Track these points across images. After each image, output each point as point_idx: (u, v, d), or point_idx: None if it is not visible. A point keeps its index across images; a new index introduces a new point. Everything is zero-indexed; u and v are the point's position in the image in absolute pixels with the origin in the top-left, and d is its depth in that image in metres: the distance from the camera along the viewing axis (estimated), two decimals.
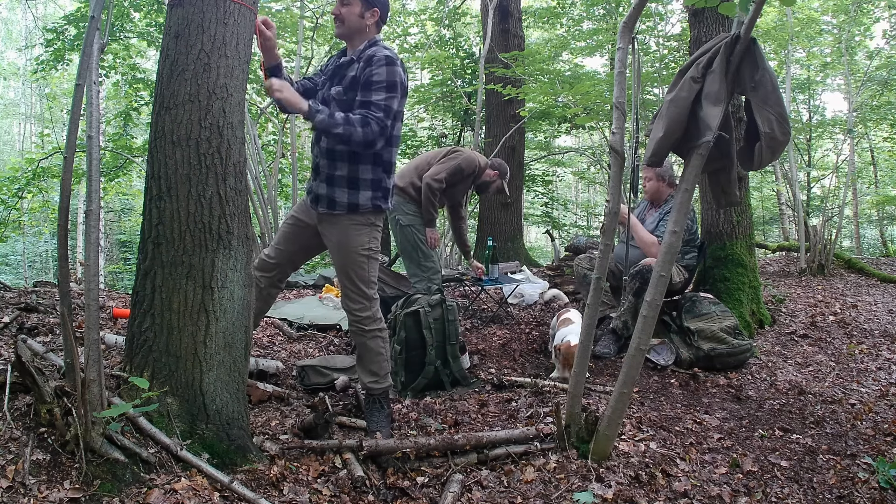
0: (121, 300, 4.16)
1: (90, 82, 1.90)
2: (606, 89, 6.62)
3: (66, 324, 1.84)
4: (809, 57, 10.79)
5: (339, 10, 2.57)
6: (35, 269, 16.23)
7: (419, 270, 4.32)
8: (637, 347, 2.35)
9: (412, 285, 4.32)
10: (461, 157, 4.43)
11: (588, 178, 16.41)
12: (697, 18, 4.69)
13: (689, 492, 2.25)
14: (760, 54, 2.13)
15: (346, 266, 2.66)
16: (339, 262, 2.68)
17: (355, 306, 2.70)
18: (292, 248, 2.84)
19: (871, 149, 13.40)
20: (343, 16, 2.56)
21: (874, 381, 3.53)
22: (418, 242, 4.31)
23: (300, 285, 6.13)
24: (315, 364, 3.25)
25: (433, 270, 4.33)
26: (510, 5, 8.77)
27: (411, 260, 4.34)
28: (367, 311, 2.71)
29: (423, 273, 4.30)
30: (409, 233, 4.30)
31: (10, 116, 21.68)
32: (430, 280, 4.28)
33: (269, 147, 9.39)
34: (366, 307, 2.70)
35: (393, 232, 4.45)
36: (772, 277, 6.74)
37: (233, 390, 2.20)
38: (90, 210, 1.90)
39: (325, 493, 2.18)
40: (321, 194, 2.64)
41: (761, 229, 14.82)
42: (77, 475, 1.76)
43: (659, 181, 4.07)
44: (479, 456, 2.49)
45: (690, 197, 2.31)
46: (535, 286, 5.69)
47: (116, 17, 6.92)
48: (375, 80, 2.48)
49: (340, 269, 2.69)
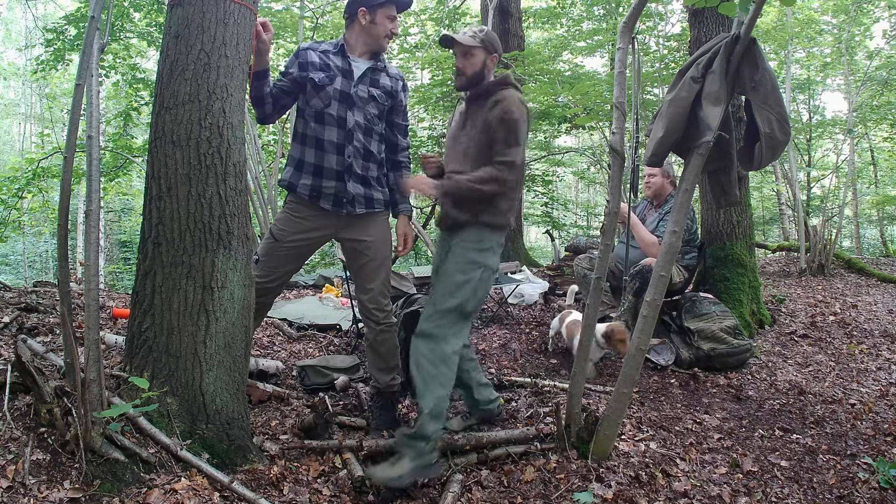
0: (121, 300, 4.16)
1: (90, 82, 1.90)
2: (606, 89, 6.62)
3: (66, 324, 1.84)
4: (809, 57, 10.79)
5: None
6: (35, 269, 16.23)
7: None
8: (637, 347, 2.36)
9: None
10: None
11: (588, 178, 16.41)
12: (697, 18, 4.69)
13: (689, 492, 2.25)
14: (760, 54, 2.13)
15: (384, 262, 2.70)
16: (378, 258, 2.68)
17: (385, 301, 2.72)
18: (295, 265, 2.72)
19: (871, 149, 13.40)
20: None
21: (874, 381, 3.53)
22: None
23: (300, 285, 6.13)
24: (315, 364, 3.25)
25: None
26: (510, 5, 8.77)
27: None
28: (391, 305, 2.77)
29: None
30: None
31: (10, 116, 21.67)
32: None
33: (269, 147, 9.39)
34: (390, 302, 2.77)
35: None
36: (772, 277, 6.74)
37: (233, 390, 2.20)
38: (90, 210, 1.90)
39: (325, 493, 2.19)
40: (357, 194, 2.59)
41: (761, 229, 14.81)
42: (77, 475, 1.76)
43: (664, 178, 4.06)
44: (479, 456, 2.49)
45: (690, 197, 2.31)
46: (535, 286, 5.68)
47: (116, 17, 6.92)
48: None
49: (378, 266, 2.68)
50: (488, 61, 2.51)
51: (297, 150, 2.61)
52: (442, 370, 2.30)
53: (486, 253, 2.45)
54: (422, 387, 2.30)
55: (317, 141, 2.56)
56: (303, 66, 2.57)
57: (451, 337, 2.35)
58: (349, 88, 2.56)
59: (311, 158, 2.57)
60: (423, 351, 2.33)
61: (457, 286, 2.38)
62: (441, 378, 2.29)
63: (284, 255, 2.62)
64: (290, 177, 2.61)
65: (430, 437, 2.24)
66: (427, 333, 2.36)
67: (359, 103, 2.56)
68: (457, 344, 2.37)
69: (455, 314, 2.37)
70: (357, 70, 2.58)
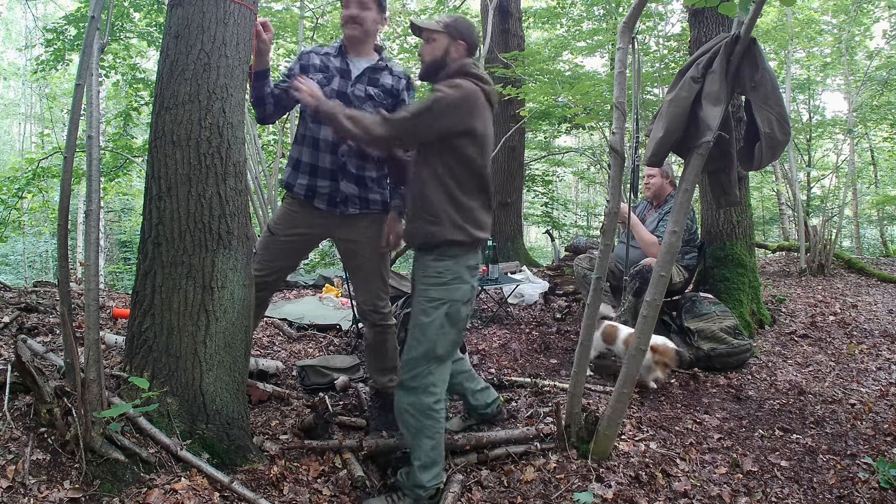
0: (121, 300, 4.16)
1: (90, 82, 1.90)
2: (606, 89, 6.62)
3: (66, 324, 1.84)
4: (809, 57, 10.79)
5: (357, 12, 2.52)
6: (35, 269, 16.22)
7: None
8: (637, 347, 2.36)
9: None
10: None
11: (588, 178, 16.41)
12: (697, 18, 4.69)
13: (689, 492, 2.25)
14: (760, 54, 2.13)
15: (381, 262, 2.69)
16: (374, 259, 2.67)
17: (382, 303, 2.71)
18: (291, 262, 2.77)
19: (871, 149, 13.40)
20: (361, 18, 2.54)
21: (874, 381, 3.53)
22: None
23: (300, 285, 6.13)
24: (315, 364, 3.25)
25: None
26: (510, 5, 8.76)
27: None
28: (389, 306, 2.75)
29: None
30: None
31: (10, 116, 21.67)
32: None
33: (269, 147, 9.39)
34: (388, 303, 2.75)
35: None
36: (772, 277, 6.74)
37: (233, 390, 2.20)
38: (90, 210, 1.90)
39: (325, 493, 2.19)
40: (350, 194, 2.59)
41: (761, 229, 14.81)
42: (77, 475, 1.76)
43: (663, 178, 4.06)
44: (479, 456, 2.49)
45: (690, 197, 2.31)
46: (535, 286, 5.68)
47: (116, 17, 6.92)
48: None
49: (374, 267, 2.68)
50: (451, 48, 2.29)
51: (296, 150, 2.65)
52: (426, 423, 2.18)
53: (450, 286, 2.22)
54: (410, 440, 2.22)
55: (313, 140, 2.57)
56: (304, 67, 2.58)
57: (431, 387, 2.20)
58: (346, 88, 2.56)
59: (307, 158, 2.59)
60: (404, 405, 2.21)
61: (422, 330, 2.21)
62: (427, 430, 2.18)
63: (279, 250, 2.64)
64: (288, 176, 2.64)
65: (427, 485, 2.17)
66: (406, 386, 2.22)
67: (355, 102, 2.55)
68: (438, 391, 2.22)
69: (426, 360, 2.20)
70: (355, 70, 2.59)
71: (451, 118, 2.16)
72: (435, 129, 2.17)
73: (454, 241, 2.21)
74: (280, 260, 2.66)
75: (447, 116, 2.16)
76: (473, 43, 2.36)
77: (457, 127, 2.17)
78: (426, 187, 2.24)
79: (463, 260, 2.24)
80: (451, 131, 2.17)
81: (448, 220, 2.21)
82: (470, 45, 2.34)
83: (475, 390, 2.72)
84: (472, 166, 2.23)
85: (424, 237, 2.26)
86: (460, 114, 2.17)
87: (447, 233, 2.21)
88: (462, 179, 2.22)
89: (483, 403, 2.74)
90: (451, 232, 2.21)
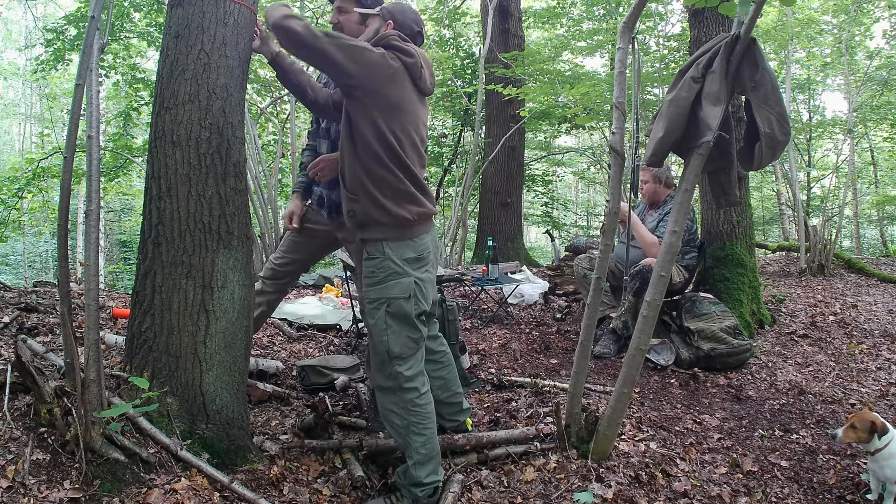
0: (121, 300, 4.16)
1: (90, 82, 1.90)
2: (606, 89, 6.61)
3: (66, 324, 1.84)
4: (809, 57, 10.78)
5: (337, 18, 2.47)
6: (35, 269, 16.23)
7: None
8: (637, 347, 2.36)
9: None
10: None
11: (588, 178, 16.41)
12: (697, 18, 4.69)
13: (689, 492, 2.25)
14: (760, 54, 2.13)
15: None
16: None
17: None
18: (304, 256, 2.89)
19: (871, 149, 13.40)
20: (341, 24, 2.49)
21: (874, 381, 3.53)
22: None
23: (300, 285, 6.12)
24: (315, 364, 3.25)
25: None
26: (510, 5, 8.77)
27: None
28: None
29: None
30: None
31: (10, 116, 21.68)
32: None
33: (269, 147, 9.38)
34: None
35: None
36: (772, 277, 6.74)
37: (233, 390, 2.20)
38: (90, 210, 1.90)
39: (325, 493, 2.19)
40: (339, 202, 2.65)
41: (761, 229, 14.82)
42: (77, 475, 1.76)
43: (655, 183, 4.07)
44: (479, 456, 2.49)
45: (690, 197, 2.31)
46: (535, 286, 5.68)
47: (116, 17, 6.92)
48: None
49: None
50: (370, 21, 2.25)
51: (308, 158, 2.82)
52: (412, 420, 2.14)
53: (385, 284, 2.12)
54: (400, 440, 2.19)
55: (315, 154, 2.73)
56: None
57: (406, 382, 2.14)
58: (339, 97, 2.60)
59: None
60: (386, 406, 2.18)
61: (372, 332, 2.17)
62: (414, 427, 2.14)
63: (297, 242, 2.83)
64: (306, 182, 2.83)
65: (424, 482, 2.15)
66: (381, 388, 2.19)
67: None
68: (415, 384, 2.16)
69: (389, 359, 2.14)
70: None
71: (378, 70, 2.06)
72: (360, 67, 2.03)
73: (389, 223, 2.12)
74: (297, 252, 2.84)
75: (366, 58, 2.04)
76: (400, 19, 2.26)
77: (372, 83, 2.06)
78: (345, 163, 2.16)
79: (396, 252, 2.12)
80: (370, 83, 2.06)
81: (367, 197, 2.10)
82: (394, 21, 2.25)
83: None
84: (389, 139, 2.09)
85: (350, 218, 2.19)
86: (384, 70, 2.07)
87: (380, 213, 2.11)
88: (379, 153, 2.09)
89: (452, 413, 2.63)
90: (373, 211, 2.11)
